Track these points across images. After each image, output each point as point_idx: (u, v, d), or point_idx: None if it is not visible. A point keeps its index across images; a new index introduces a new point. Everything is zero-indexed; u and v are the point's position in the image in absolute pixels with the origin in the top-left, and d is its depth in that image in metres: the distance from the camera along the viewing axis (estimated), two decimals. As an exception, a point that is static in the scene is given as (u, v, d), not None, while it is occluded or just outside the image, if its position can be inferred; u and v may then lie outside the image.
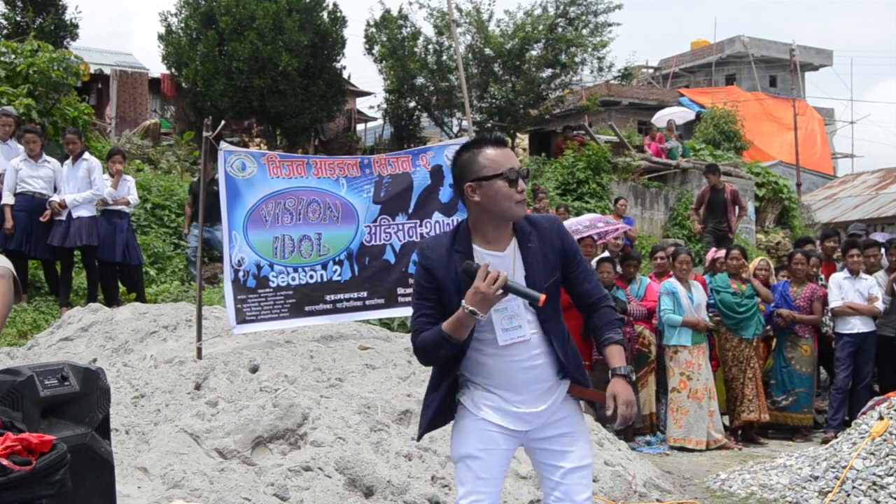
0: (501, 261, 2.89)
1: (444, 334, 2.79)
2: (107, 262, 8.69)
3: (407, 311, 6.46)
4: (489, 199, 2.86)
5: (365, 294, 6.06)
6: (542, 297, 2.76)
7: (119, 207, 8.80)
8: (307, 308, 5.90)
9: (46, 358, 6.13)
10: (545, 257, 2.94)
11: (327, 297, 5.96)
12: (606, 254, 8.79)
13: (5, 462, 2.46)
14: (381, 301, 6.10)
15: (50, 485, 2.56)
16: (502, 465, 2.97)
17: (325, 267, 5.97)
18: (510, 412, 2.92)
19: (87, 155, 8.75)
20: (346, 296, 6.02)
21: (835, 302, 8.19)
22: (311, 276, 5.93)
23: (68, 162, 8.66)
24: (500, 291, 2.74)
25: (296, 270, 5.89)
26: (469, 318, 2.75)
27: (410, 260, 6.07)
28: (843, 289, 8.18)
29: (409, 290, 6.09)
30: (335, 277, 5.99)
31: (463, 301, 2.75)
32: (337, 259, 6.00)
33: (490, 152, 2.88)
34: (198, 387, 5.26)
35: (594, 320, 3.04)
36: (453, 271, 2.87)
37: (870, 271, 8.40)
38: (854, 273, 8.24)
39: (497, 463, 2.94)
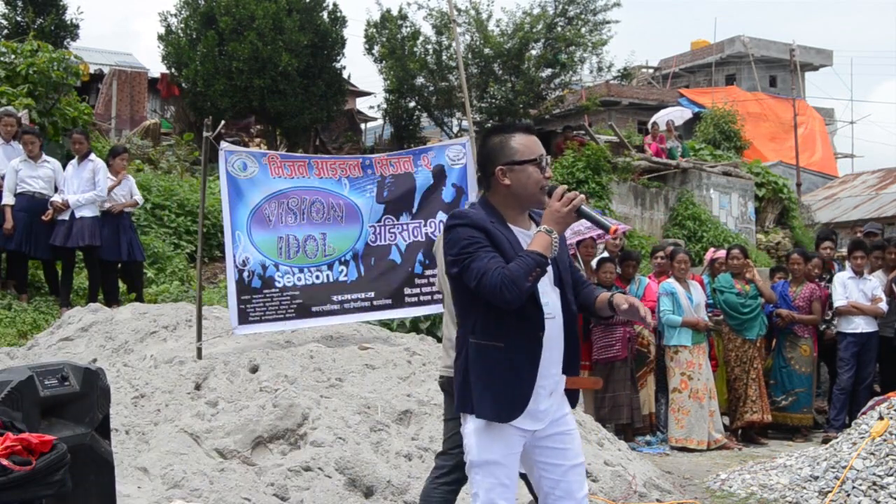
0: (531, 238, 2.90)
1: (537, 254, 2.76)
2: (109, 261, 8.65)
3: (414, 312, 6.48)
4: (520, 183, 2.92)
5: (372, 294, 6.05)
6: (613, 226, 2.88)
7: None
8: (314, 309, 5.89)
9: (46, 358, 6.13)
10: (561, 246, 3.01)
11: (334, 298, 5.94)
12: (606, 254, 8.79)
13: (5, 462, 2.46)
14: (389, 301, 6.09)
15: (50, 485, 2.56)
16: (518, 469, 2.96)
17: (330, 267, 5.96)
18: (529, 409, 2.88)
19: (92, 156, 8.74)
20: (353, 296, 6.01)
21: (839, 301, 8.20)
22: (318, 277, 5.92)
23: (73, 162, 8.65)
24: (574, 213, 2.82)
25: (301, 271, 5.89)
26: (548, 238, 2.79)
27: (416, 260, 6.07)
28: (848, 288, 8.19)
29: (416, 291, 6.10)
30: (341, 278, 5.98)
31: (541, 224, 2.84)
32: (343, 259, 5.99)
33: (522, 138, 2.96)
34: (198, 387, 5.26)
35: (587, 293, 3.13)
36: (499, 232, 2.88)
37: (872, 270, 8.43)
38: (858, 273, 8.25)
39: (516, 467, 2.94)
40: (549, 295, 2.93)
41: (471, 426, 2.91)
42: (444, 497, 3.64)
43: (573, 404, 3.10)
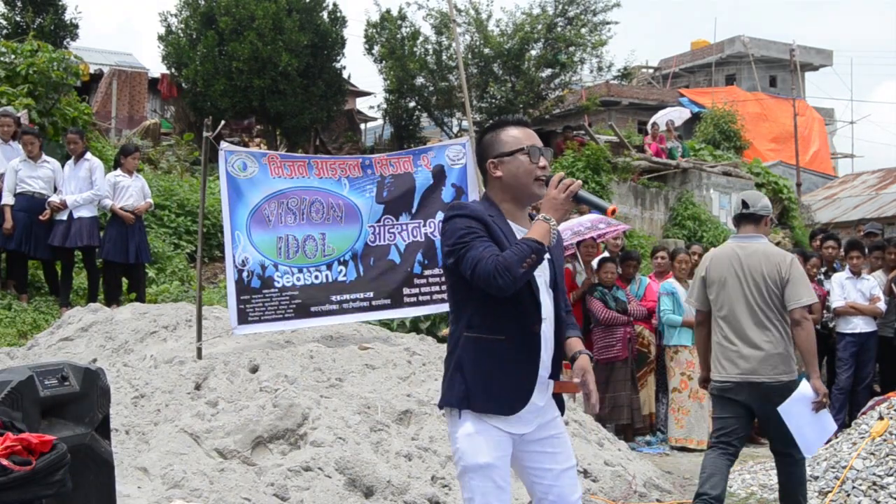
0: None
1: (534, 242, 2.74)
2: (115, 263, 8.61)
3: (413, 312, 6.47)
4: (511, 173, 2.91)
5: (371, 294, 6.04)
6: (612, 207, 2.88)
7: (132, 206, 8.69)
8: (313, 309, 5.88)
9: (46, 358, 6.13)
10: (557, 248, 3.01)
11: (333, 298, 5.94)
12: (607, 254, 8.79)
13: (5, 462, 2.46)
14: (388, 301, 6.08)
15: (50, 485, 2.56)
16: (509, 471, 2.93)
17: (329, 267, 5.96)
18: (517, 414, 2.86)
19: (88, 155, 8.74)
20: (352, 296, 6.00)
21: (837, 302, 8.19)
22: (317, 277, 5.92)
23: (70, 162, 8.65)
24: (572, 199, 2.82)
25: (300, 271, 5.88)
26: (546, 225, 2.78)
27: (415, 260, 6.07)
28: (846, 289, 8.19)
29: (415, 291, 6.09)
30: (340, 278, 5.97)
31: (540, 212, 2.84)
32: (342, 259, 5.99)
33: (512, 130, 2.97)
34: (198, 387, 5.26)
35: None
36: (497, 226, 2.87)
37: (872, 270, 8.44)
38: (856, 273, 8.25)
39: (508, 470, 2.90)
40: (543, 296, 2.91)
41: (461, 430, 2.86)
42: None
43: (561, 410, 3.05)
